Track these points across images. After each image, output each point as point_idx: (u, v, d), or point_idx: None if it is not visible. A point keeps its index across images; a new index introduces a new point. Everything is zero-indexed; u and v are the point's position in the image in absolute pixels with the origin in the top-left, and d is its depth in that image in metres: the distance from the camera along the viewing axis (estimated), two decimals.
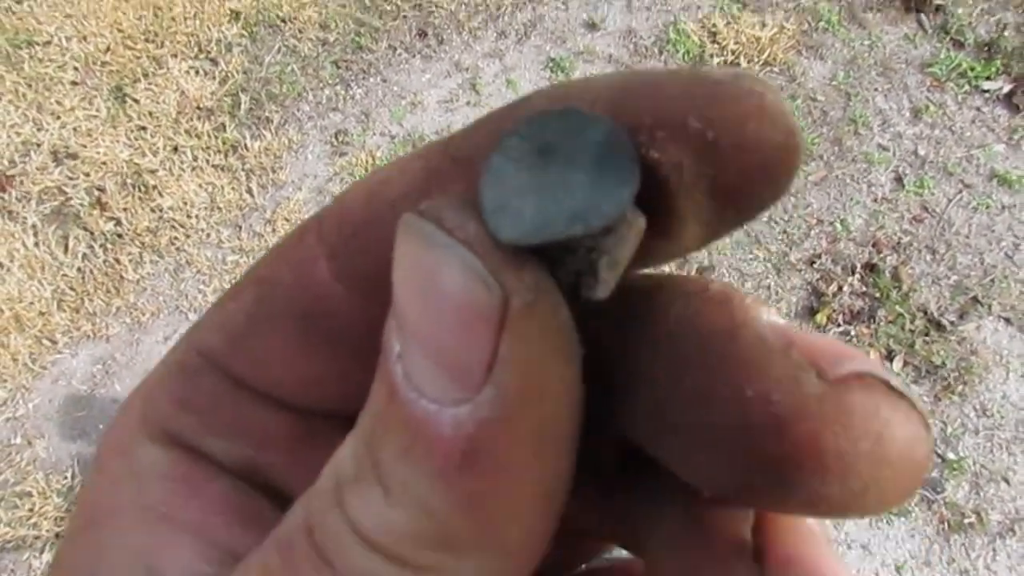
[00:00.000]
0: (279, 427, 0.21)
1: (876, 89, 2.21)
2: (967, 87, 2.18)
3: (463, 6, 2.40)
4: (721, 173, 0.14)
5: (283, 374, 0.20)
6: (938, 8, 2.30)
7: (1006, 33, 2.24)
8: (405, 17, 2.39)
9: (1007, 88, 2.16)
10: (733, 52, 2.25)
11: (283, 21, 2.40)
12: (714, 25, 2.30)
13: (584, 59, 2.30)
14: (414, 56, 2.33)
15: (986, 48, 2.23)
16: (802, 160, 0.15)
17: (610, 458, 0.20)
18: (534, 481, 0.15)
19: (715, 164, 0.14)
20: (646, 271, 0.17)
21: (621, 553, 0.22)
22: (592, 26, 2.35)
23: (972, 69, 2.20)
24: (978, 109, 2.15)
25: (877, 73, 2.23)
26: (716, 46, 2.27)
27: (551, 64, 2.30)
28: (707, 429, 0.15)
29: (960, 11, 2.30)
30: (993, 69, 2.19)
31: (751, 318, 0.15)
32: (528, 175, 0.15)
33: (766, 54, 2.24)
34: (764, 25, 2.30)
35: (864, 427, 0.13)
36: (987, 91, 2.17)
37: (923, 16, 2.30)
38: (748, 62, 2.22)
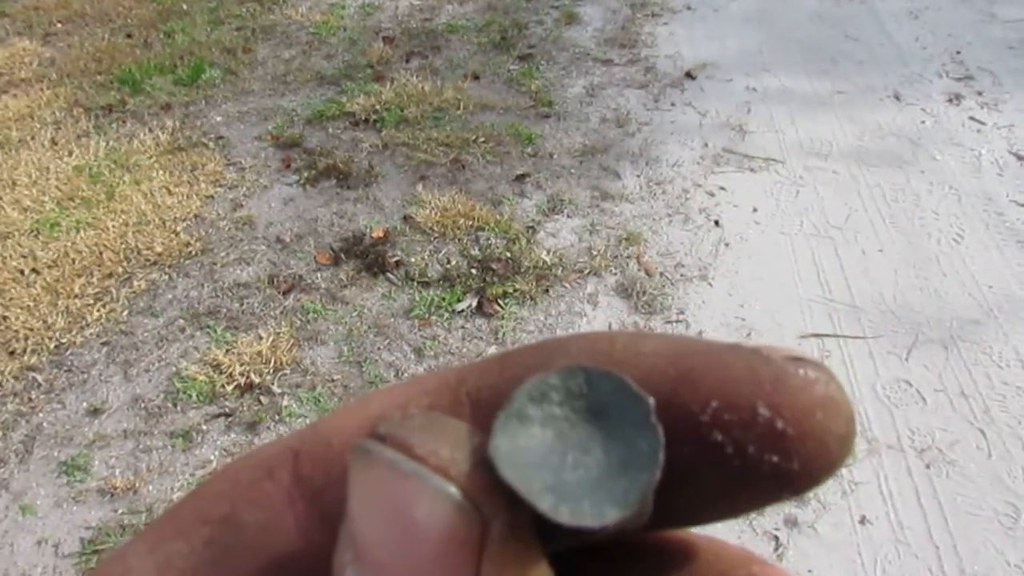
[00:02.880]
0: None
1: (379, 348, 2.44)
2: (446, 314, 2.52)
3: None
4: (784, 460, 0.14)
5: None
6: (398, 263, 2.66)
7: (452, 262, 2.66)
8: None
9: (474, 303, 2.53)
10: (242, 374, 2.33)
11: None
12: (214, 358, 2.38)
13: (98, 446, 2.20)
14: None
15: (445, 280, 2.61)
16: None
17: None
18: None
19: (780, 452, 0.14)
20: None
21: None
22: (96, 411, 2.28)
23: (443, 299, 2.55)
24: (463, 327, 2.48)
25: (375, 335, 2.47)
26: (224, 376, 2.33)
27: (65, 468, 2.15)
28: None
29: (414, 259, 2.69)
30: (458, 293, 2.56)
31: None
32: (552, 425, 0.14)
33: (273, 362, 2.36)
34: (260, 338, 2.43)
35: None
36: (462, 311, 2.51)
37: (389, 274, 2.64)
38: (259, 376, 2.32)
